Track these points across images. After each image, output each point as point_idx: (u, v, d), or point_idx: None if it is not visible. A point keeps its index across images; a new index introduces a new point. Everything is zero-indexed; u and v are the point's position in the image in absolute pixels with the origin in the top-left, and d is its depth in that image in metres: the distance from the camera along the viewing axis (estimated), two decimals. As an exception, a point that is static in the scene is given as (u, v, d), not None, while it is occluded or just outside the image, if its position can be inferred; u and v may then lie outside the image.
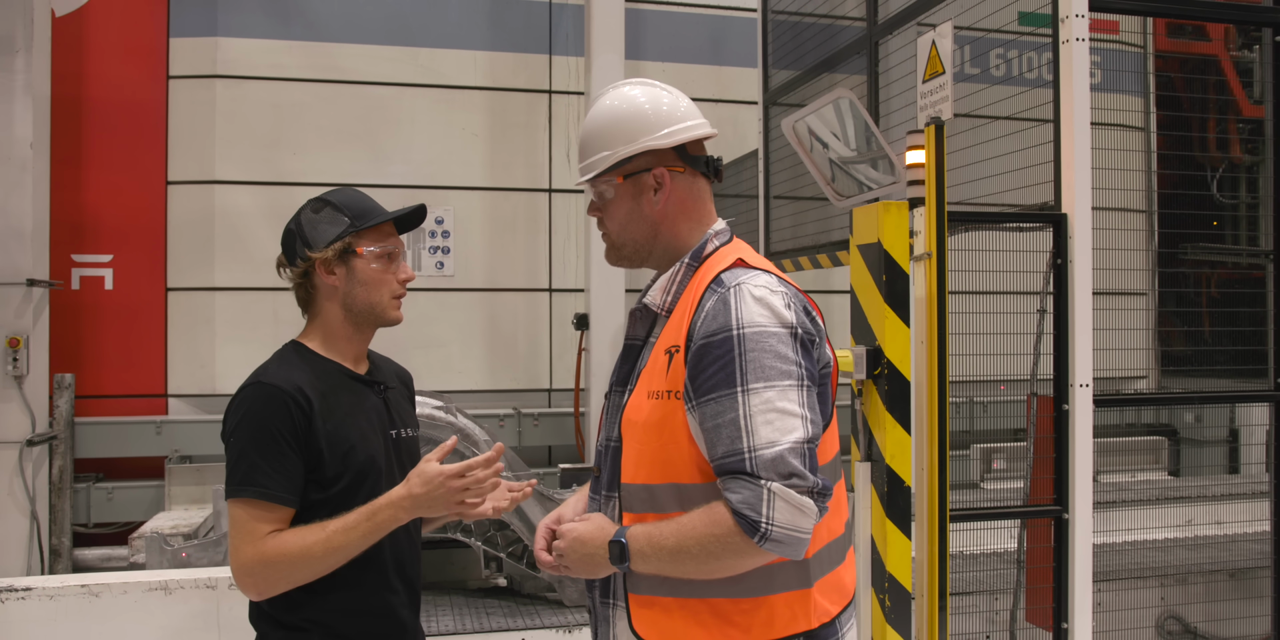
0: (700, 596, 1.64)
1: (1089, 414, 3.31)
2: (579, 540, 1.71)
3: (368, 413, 1.97)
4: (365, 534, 1.79)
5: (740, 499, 1.54)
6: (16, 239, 5.35)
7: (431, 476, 1.77)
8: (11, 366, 5.29)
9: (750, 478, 1.54)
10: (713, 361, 1.59)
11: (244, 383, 1.88)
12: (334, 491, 1.85)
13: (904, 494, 3.10)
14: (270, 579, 1.79)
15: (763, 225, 5.83)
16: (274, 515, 1.80)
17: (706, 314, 1.63)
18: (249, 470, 1.79)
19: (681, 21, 6.93)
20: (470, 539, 4.30)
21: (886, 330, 3.12)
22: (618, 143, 1.78)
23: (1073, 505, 3.31)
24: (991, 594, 4.11)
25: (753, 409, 1.55)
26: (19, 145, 5.38)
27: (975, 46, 4.30)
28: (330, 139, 6.31)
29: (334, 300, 1.95)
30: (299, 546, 1.77)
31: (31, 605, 2.98)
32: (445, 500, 1.78)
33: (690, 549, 1.57)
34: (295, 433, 1.82)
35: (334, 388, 1.91)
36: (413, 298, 6.33)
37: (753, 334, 1.58)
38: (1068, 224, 3.33)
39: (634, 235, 1.81)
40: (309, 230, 1.94)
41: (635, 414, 1.71)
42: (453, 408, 4.75)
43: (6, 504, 5.32)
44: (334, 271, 1.94)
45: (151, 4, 6.14)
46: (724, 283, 1.66)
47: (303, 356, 1.95)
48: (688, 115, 1.83)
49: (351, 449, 1.88)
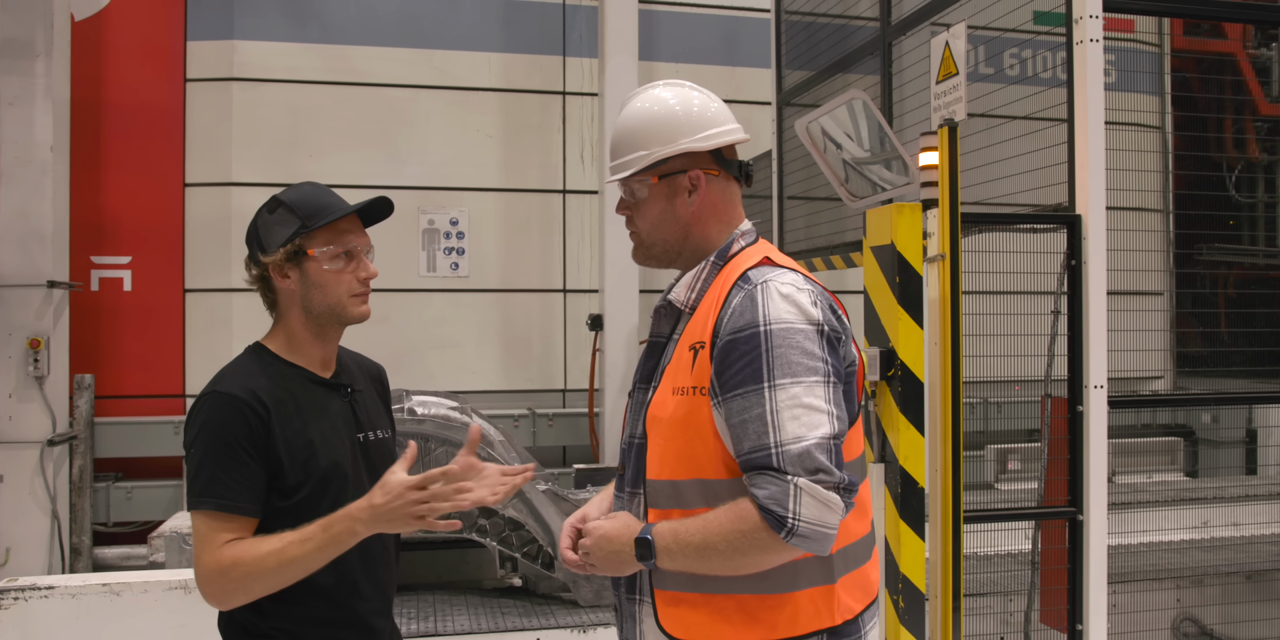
0: (726, 592, 1.65)
1: (1104, 415, 3.30)
2: (605, 538, 1.71)
3: (332, 417, 1.91)
4: (321, 546, 1.72)
5: (767, 494, 1.54)
6: (37, 241, 5.41)
7: (392, 487, 1.70)
8: (32, 367, 5.35)
9: (777, 473, 1.55)
10: (739, 357, 1.60)
11: (201, 392, 1.83)
12: (296, 499, 1.81)
13: (917, 495, 3.11)
14: (227, 589, 1.75)
15: (776, 226, 5.83)
16: (233, 525, 1.76)
17: (733, 310, 1.64)
18: (208, 481, 1.75)
19: (695, 22, 6.93)
20: (485, 539, 4.33)
21: (900, 332, 3.13)
22: (655, 143, 1.79)
23: (1087, 507, 3.31)
24: (1006, 595, 4.10)
25: (779, 404, 1.56)
26: (39, 148, 5.44)
27: (990, 47, 4.29)
28: (346, 141, 6.35)
29: (290, 303, 1.91)
30: (253, 557, 1.73)
31: (54, 603, 3.02)
32: (405, 512, 1.69)
33: (716, 545, 1.58)
34: (254, 441, 1.78)
35: (294, 393, 1.87)
36: (427, 298, 6.46)
37: (779, 330, 1.59)
38: (1082, 225, 3.32)
39: (665, 235, 1.82)
40: (263, 232, 1.90)
41: (660, 410, 1.72)
42: (468, 408, 4.77)
43: (28, 503, 5.38)
44: (288, 275, 1.89)
45: (169, 8, 6.20)
46: (751, 280, 1.68)
47: (262, 361, 1.90)
48: (724, 119, 1.86)
49: (313, 456, 1.83)
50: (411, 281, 6.41)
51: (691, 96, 1.86)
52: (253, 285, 1.93)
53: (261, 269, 1.89)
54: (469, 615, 4.24)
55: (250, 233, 1.93)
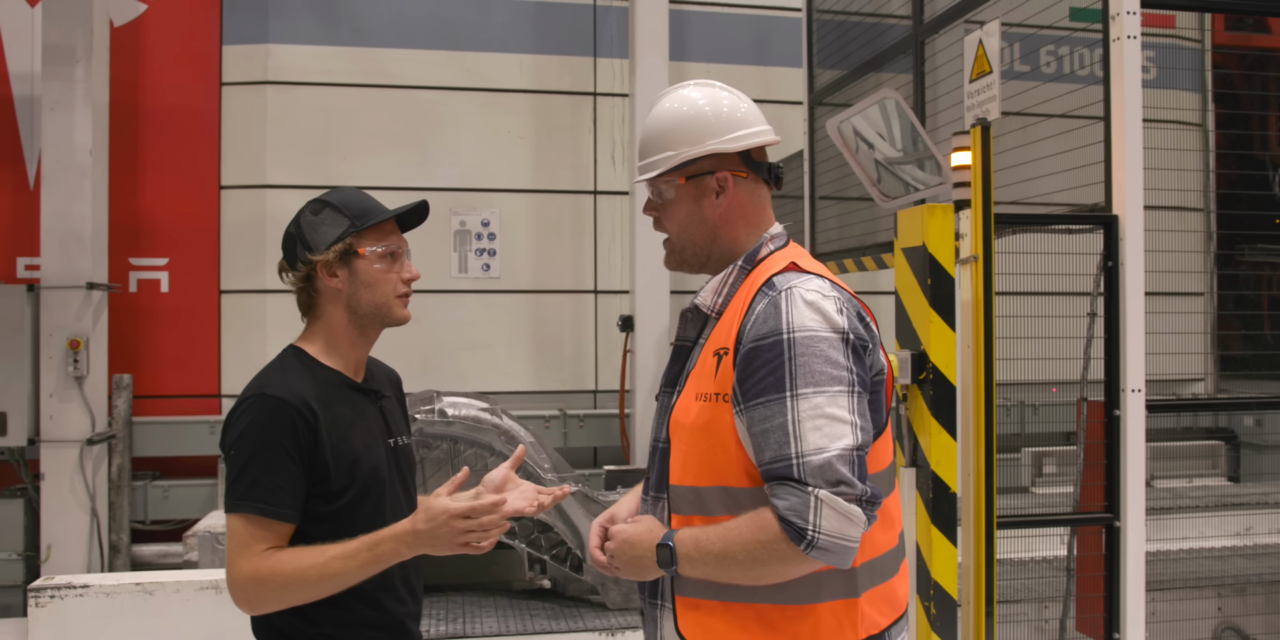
0: (746, 601, 1.63)
1: (1141, 419, 3.23)
2: (628, 542, 1.70)
3: (368, 423, 1.92)
4: (364, 564, 1.73)
5: (787, 505, 1.53)
6: (77, 243, 5.49)
7: (437, 514, 1.71)
8: (72, 367, 5.43)
9: (798, 484, 1.53)
10: (762, 365, 1.58)
11: (245, 393, 1.83)
12: (339, 505, 1.82)
13: (949, 500, 3.07)
14: (262, 597, 1.75)
15: (808, 227, 5.79)
16: (272, 532, 1.76)
17: (757, 317, 1.62)
18: (250, 485, 1.75)
19: (726, 22, 6.90)
20: (514, 541, 4.34)
21: (932, 334, 3.09)
22: (682, 143, 1.77)
23: (1124, 513, 3.24)
24: (1041, 602, 4.04)
25: (801, 414, 1.54)
26: (79, 152, 5.52)
27: (1025, 44, 4.22)
28: (378, 143, 6.39)
29: (337, 303, 1.90)
30: (294, 568, 1.72)
31: (89, 602, 3.06)
32: (449, 539, 1.71)
33: (736, 555, 1.56)
34: (299, 447, 1.77)
35: (335, 398, 1.87)
36: (459, 299, 6.49)
37: (803, 338, 1.57)
38: (1119, 226, 3.26)
39: (693, 238, 1.80)
40: (309, 232, 1.89)
41: (683, 416, 1.70)
42: (497, 409, 4.79)
43: (68, 501, 5.47)
44: (336, 274, 1.89)
45: (205, 13, 6.27)
46: (776, 286, 1.65)
47: (304, 364, 1.89)
48: (754, 120, 1.83)
49: (356, 461, 1.84)
50: (443, 283, 6.44)
51: (721, 97, 1.84)
52: (294, 286, 1.92)
53: (309, 268, 1.89)
54: (497, 617, 4.25)
55: (291, 234, 1.92)
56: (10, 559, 5.53)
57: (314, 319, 1.93)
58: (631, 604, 4.32)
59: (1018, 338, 3.47)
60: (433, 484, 4.14)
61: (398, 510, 1.92)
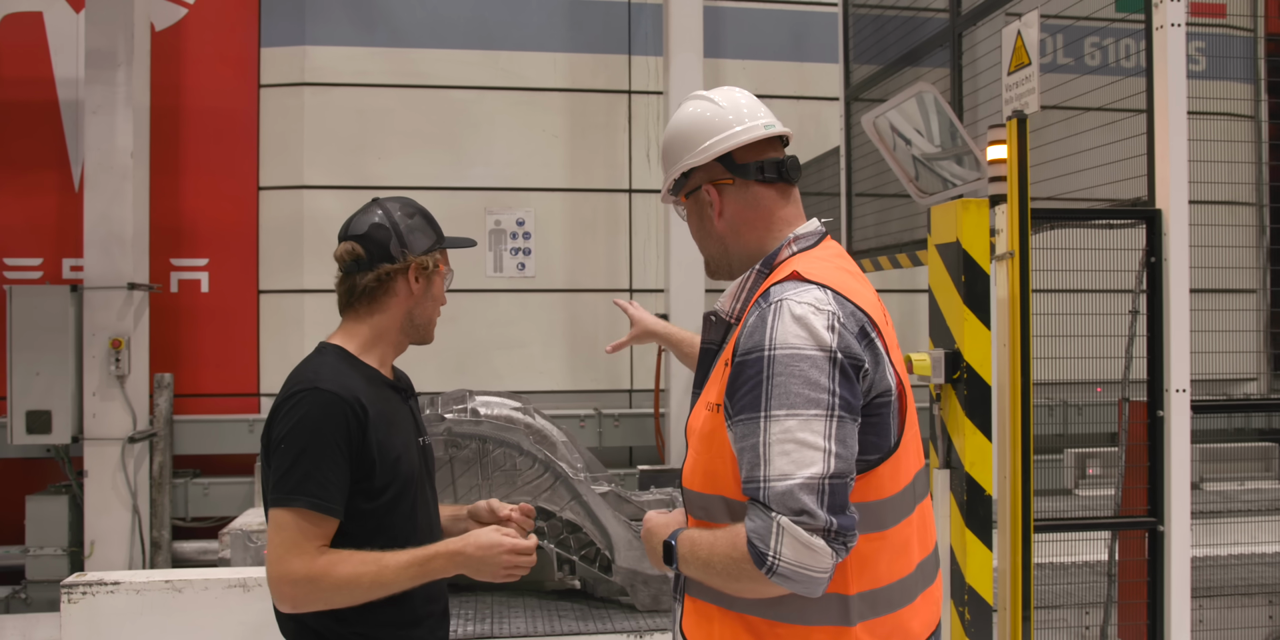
0: (739, 611, 1.61)
1: (1186, 421, 3.13)
2: (649, 532, 1.76)
3: (403, 421, 1.96)
4: (414, 577, 1.78)
5: (753, 528, 1.48)
6: (118, 244, 5.58)
7: (492, 545, 1.79)
8: (114, 366, 5.52)
9: (763, 508, 1.48)
10: (745, 382, 1.53)
11: (295, 387, 1.83)
12: (381, 502, 1.83)
13: (984, 503, 2.99)
14: (310, 597, 1.76)
15: (845, 224, 5.71)
16: (322, 529, 1.77)
17: (747, 329, 1.57)
18: (302, 479, 1.75)
19: (761, 18, 6.84)
20: (543, 541, 4.32)
21: (966, 332, 3.01)
22: (669, 165, 1.80)
23: (1168, 517, 3.14)
24: (1082, 607, 3.93)
25: (771, 437, 1.48)
26: (120, 155, 5.61)
27: (1067, 34, 4.12)
28: (413, 143, 6.42)
29: (400, 308, 1.93)
30: (349, 574, 1.74)
31: (119, 598, 3.11)
32: (495, 570, 1.80)
33: (715, 565, 1.56)
34: (350, 443, 1.78)
35: (379, 395, 1.89)
36: (494, 299, 6.49)
37: (783, 356, 1.49)
38: (1162, 220, 3.15)
39: (710, 251, 1.81)
40: (407, 233, 1.92)
41: (695, 421, 1.71)
42: (530, 408, 4.77)
43: (110, 498, 5.56)
44: (418, 280, 1.94)
45: (244, 15, 6.35)
46: (769, 297, 1.58)
47: (347, 362, 1.90)
48: (731, 123, 1.75)
49: (399, 458, 1.87)
50: (478, 282, 6.45)
51: (697, 109, 1.78)
52: (376, 277, 1.90)
53: (402, 265, 1.90)
54: (526, 617, 4.24)
55: (384, 227, 1.91)
56: (56, 554, 5.64)
57: (365, 315, 1.94)
58: (660, 605, 4.29)
59: (1058, 336, 3.39)
60: (461, 484, 4.14)
61: (427, 510, 1.96)
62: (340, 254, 1.93)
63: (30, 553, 5.61)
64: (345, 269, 1.93)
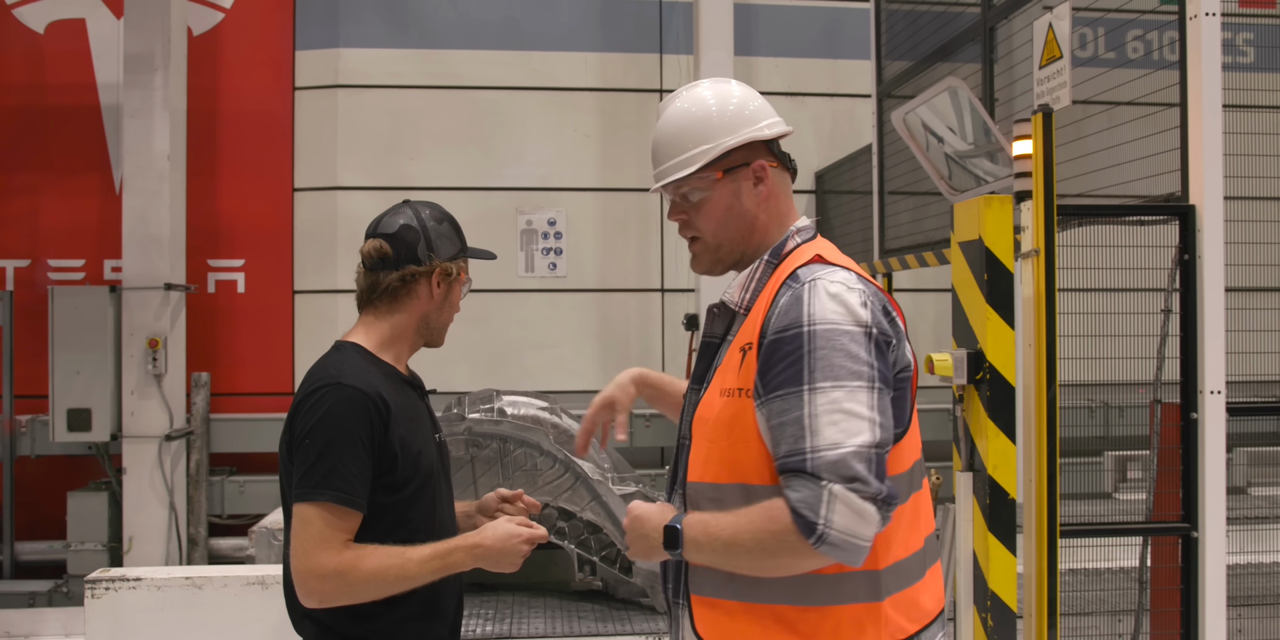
0: (765, 602, 1.60)
1: (1221, 423, 3.03)
2: (638, 519, 1.68)
3: (421, 417, 1.99)
4: (435, 570, 1.81)
5: (799, 497, 1.49)
6: (156, 246, 5.68)
7: (510, 534, 1.82)
8: (151, 366, 5.62)
9: (811, 478, 1.50)
10: (782, 358, 1.56)
11: (318, 383, 1.83)
12: (402, 496, 1.85)
13: (1008, 507, 2.92)
14: (339, 591, 1.76)
15: (877, 222, 5.63)
16: (348, 523, 1.78)
17: (780, 309, 1.60)
18: (328, 473, 1.76)
19: (794, 14, 6.78)
20: (564, 541, 4.32)
21: (989, 332, 2.94)
22: (719, 135, 1.74)
23: (1203, 523, 3.04)
24: (1113, 615, 3.83)
25: (818, 408, 1.51)
26: (157, 158, 5.72)
27: (1104, 26, 4.02)
28: (445, 144, 6.45)
29: (418, 310, 1.95)
30: (376, 567, 1.76)
31: (141, 594, 3.16)
32: (512, 559, 1.84)
33: (744, 542, 1.53)
34: (373, 438, 1.80)
35: (398, 391, 1.91)
36: (525, 298, 6.51)
37: (824, 331, 1.54)
38: (1195, 216, 3.06)
39: (731, 233, 1.76)
40: (435, 238, 1.95)
41: (707, 411, 1.68)
42: (557, 408, 4.77)
43: (148, 495, 5.66)
44: (440, 285, 1.96)
45: (279, 19, 6.43)
46: (800, 278, 1.63)
47: (366, 359, 1.91)
48: (772, 111, 1.85)
49: (419, 454, 1.89)
50: (509, 282, 6.47)
51: (738, 88, 1.84)
52: (399, 277, 1.92)
53: (427, 268, 1.93)
54: (545, 618, 4.23)
55: (415, 229, 1.94)
56: (96, 549, 5.75)
57: (385, 313, 1.95)
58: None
59: (1090, 336, 3.30)
60: (482, 483, 4.14)
61: (444, 505, 1.98)
62: (368, 250, 1.94)
63: (71, 548, 5.74)
64: (370, 266, 1.95)
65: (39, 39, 6.40)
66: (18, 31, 6.39)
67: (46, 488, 6.04)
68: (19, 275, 6.32)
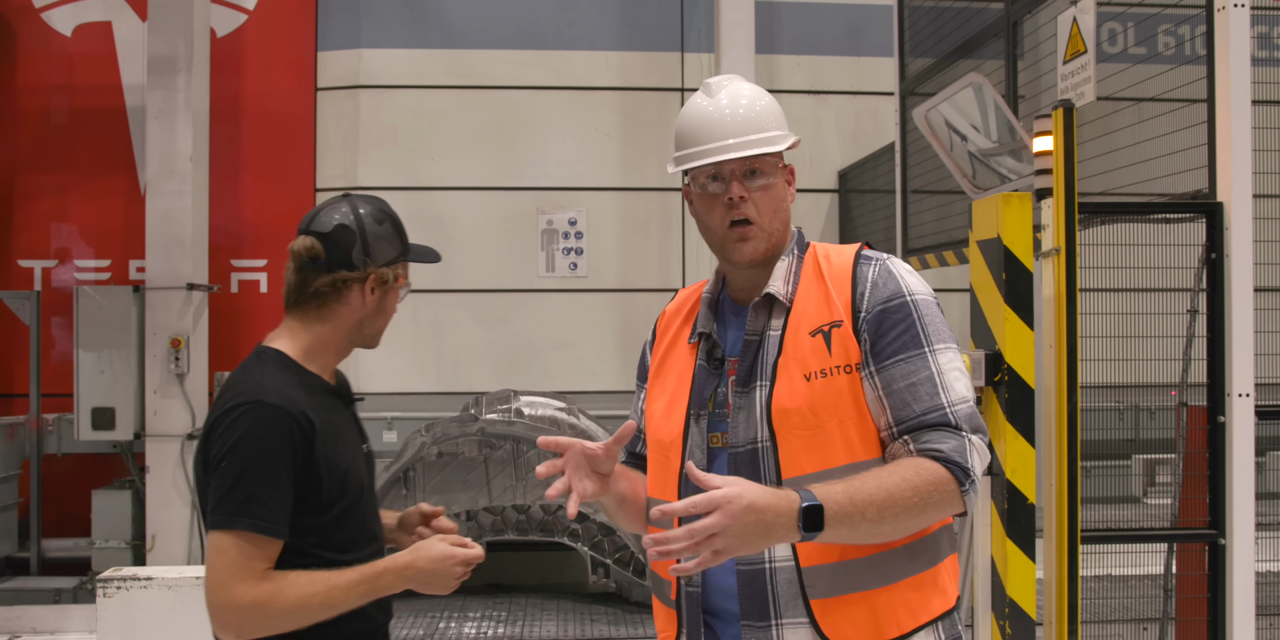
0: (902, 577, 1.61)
1: (1250, 427, 2.95)
2: (752, 508, 1.37)
3: (348, 430, 1.86)
4: (363, 595, 1.71)
5: (951, 447, 1.55)
6: (178, 246, 5.73)
7: (445, 556, 1.73)
8: (174, 365, 5.66)
9: (954, 429, 1.57)
10: (894, 325, 1.63)
11: (237, 400, 1.70)
12: (328, 517, 1.75)
13: (1026, 512, 2.85)
14: (257, 624, 1.67)
15: (900, 221, 5.56)
16: (266, 551, 1.68)
17: (873, 284, 1.66)
18: (245, 500, 1.65)
19: (816, 11, 6.71)
20: (577, 544, 4.29)
21: (1007, 333, 2.88)
22: (785, 127, 1.75)
23: (1231, 529, 2.96)
24: (1137, 623, 3.74)
25: (943, 367, 1.61)
26: (180, 159, 5.76)
27: (1123, 20, 3.93)
28: (466, 143, 6.46)
29: (352, 318, 1.81)
30: (298, 597, 1.66)
31: (152, 593, 3.17)
32: (445, 582, 1.75)
33: (899, 500, 1.48)
34: (295, 461, 1.69)
35: (324, 405, 1.79)
36: (546, 299, 6.49)
37: (923, 301, 1.66)
38: (1223, 214, 2.98)
39: (778, 224, 1.74)
40: (372, 240, 1.79)
41: (791, 401, 1.61)
42: (574, 409, 4.75)
43: (170, 494, 5.70)
44: (374, 291, 1.81)
45: (302, 20, 6.46)
46: (871, 258, 1.71)
47: (289, 369, 1.78)
48: None
49: (346, 472, 1.78)
50: (530, 282, 6.45)
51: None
52: (327, 281, 1.78)
53: (361, 275, 1.78)
54: (558, 621, 4.21)
55: (351, 230, 1.79)
56: (120, 547, 5.80)
57: (313, 319, 1.81)
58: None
59: (1115, 337, 3.23)
60: (496, 484, 4.12)
61: (373, 519, 1.87)
62: (298, 249, 1.79)
63: (96, 545, 5.79)
64: (299, 265, 1.80)
65: (66, 42, 6.48)
66: (46, 34, 6.47)
67: (72, 486, 6.11)
68: (47, 276, 6.39)
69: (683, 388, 1.74)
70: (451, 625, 4.23)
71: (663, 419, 1.74)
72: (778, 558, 1.58)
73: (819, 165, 6.64)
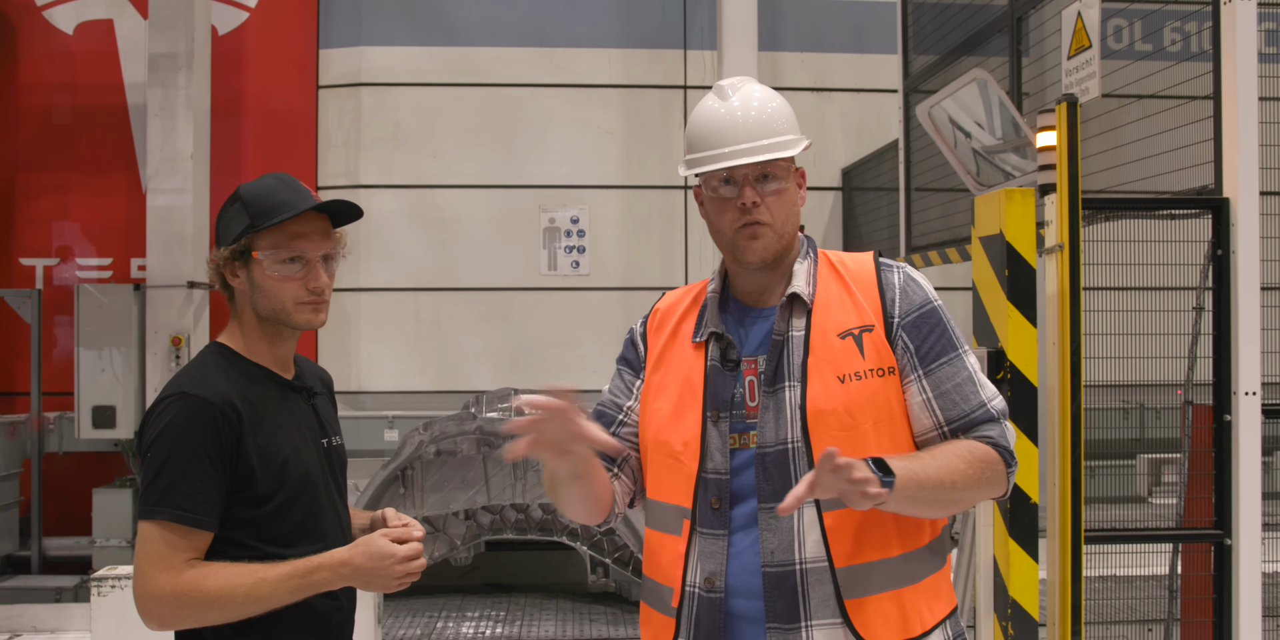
0: (925, 575, 1.67)
1: (1256, 426, 2.92)
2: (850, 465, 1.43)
3: (298, 422, 1.83)
4: (295, 590, 1.66)
5: (998, 433, 1.66)
6: (179, 244, 5.71)
7: (383, 555, 1.68)
8: (175, 363, 5.65)
9: (995, 422, 1.68)
10: (930, 330, 1.70)
11: (164, 392, 1.72)
12: (267, 509, 1.72)
13: (1029, 512, 2.83)
14: (178, 615, 1.65)
15: (903, 219, 5.53)
16: (190, 541, 1.65)
17: (901, 289, 1.72)
18: (166, 490, 1.64)
19: (819, 8, 6.69)
20: (576, 543, 4.26)
21: (1010, 330, 2.85)
22: (797, 130, 1.75)
23: (1236, 529, 2.93)
24: (1142, 624, 3.70)
25: (973, 367, 1.71)
26: (180, 156, 5.75)
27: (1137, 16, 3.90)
28: (468, 141, 6.44)
29: (244, 301, 1.80)
30: (220, 587, 1.63)
31: (148, 593, 3.14)
32: (386, 581, 1.70)
33: (963, 474, 1.59)
34: (221, 450, 1.68)
35: (263, 396, 1.77)
36: (548, 297, 6.47)
37: (942, 306, 1.74)
38: (1229, 210, 2.95)
39: (790, 227, 1.75)
40: (221, 228, 1.80)
41: (826, 402, 1.62)
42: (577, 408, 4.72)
43: (170, 492, 5.68)
44: (236, 274, 1.78)
45: (304, 18, 6.44)
46: (890, 265, 1.77)
47: (228, 361, 1.79)
48: None
49: (285, 463, 1.75)
50: (532, 280, 6.43)
51: None
52: (215, 280, 1.81)
53: (219, 261, 1.79)
54: (556, 620, 4.18)
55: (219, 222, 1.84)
56: (120, 546, 5.79)
57: (234, 312, 1.84)
58: None
59: (1120, 335, 3.20)
60: (494, 483, 4.10)
61: (329, 514, 1.82)
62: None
63: (96, 544, 5.78)
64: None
65: (68, 40, 6.48)
66: (48, 32, 6.46)
67: (73, 484, 6.10)
68: (48, 274, 6.38)
69: (692, 389, 1.71)
70: (450, 625, 4.21)
71: (670, 421, 1.72)
72: (809, 559, 1.60)
73: (823, 163, 6.62)
